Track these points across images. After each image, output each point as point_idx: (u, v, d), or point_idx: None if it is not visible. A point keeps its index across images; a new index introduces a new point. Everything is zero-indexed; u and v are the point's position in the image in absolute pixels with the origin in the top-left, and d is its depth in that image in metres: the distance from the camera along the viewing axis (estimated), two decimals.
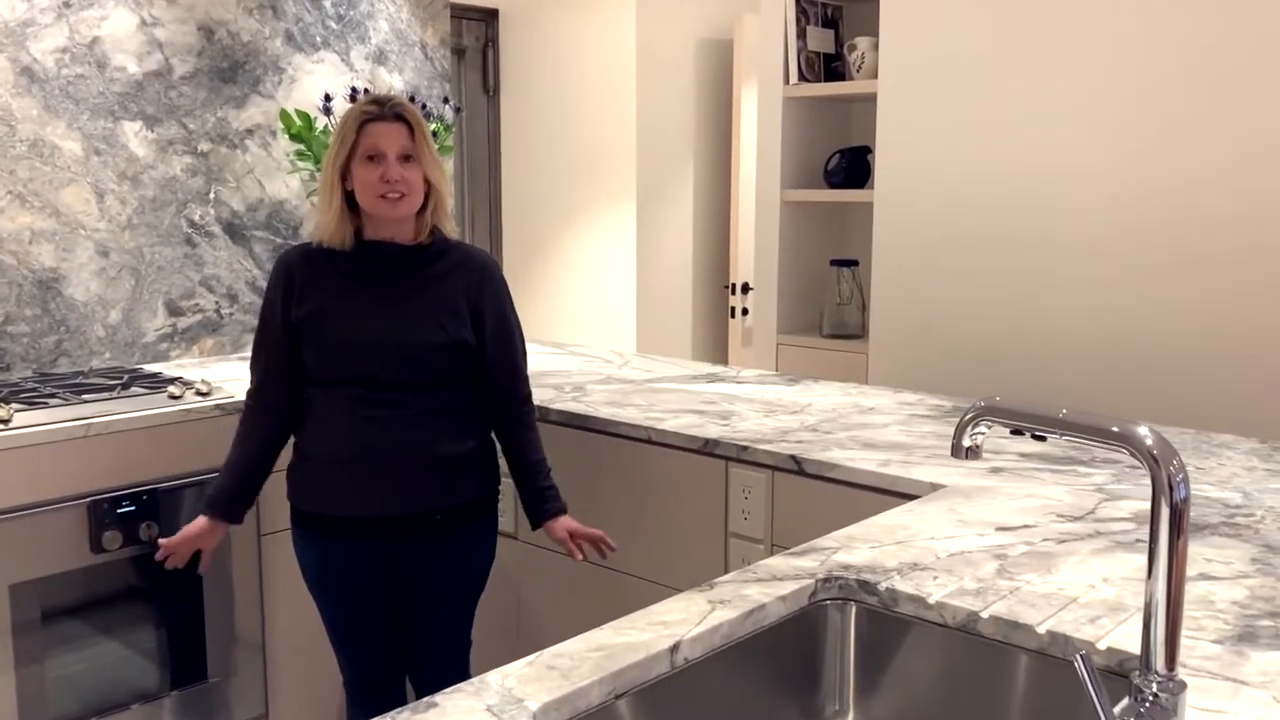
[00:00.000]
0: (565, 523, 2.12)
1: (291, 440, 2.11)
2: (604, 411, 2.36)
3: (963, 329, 3.06)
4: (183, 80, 2.95)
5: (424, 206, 2.02)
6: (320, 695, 2.68)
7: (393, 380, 1.98)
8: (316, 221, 2.06)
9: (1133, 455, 0.89)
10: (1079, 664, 0.82)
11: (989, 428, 1.02)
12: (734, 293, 4.62)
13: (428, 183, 2.00)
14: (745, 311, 4.60)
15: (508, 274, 4.80)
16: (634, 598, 2.29)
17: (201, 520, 2.11)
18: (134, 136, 2.87)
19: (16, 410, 2.26)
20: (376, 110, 1.99)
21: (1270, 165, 2.52)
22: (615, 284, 4.61)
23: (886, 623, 1.37)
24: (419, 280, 2.03)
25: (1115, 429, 0.91)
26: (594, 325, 4.65)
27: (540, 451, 2.14)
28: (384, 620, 2.14)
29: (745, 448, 2.07)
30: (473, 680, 1.12)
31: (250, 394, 2.12)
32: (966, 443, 1.04)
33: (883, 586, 1.37)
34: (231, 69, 3.05)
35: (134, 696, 2.39)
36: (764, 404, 2.44)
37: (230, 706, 2.54)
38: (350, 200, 2.00)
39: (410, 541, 2.06)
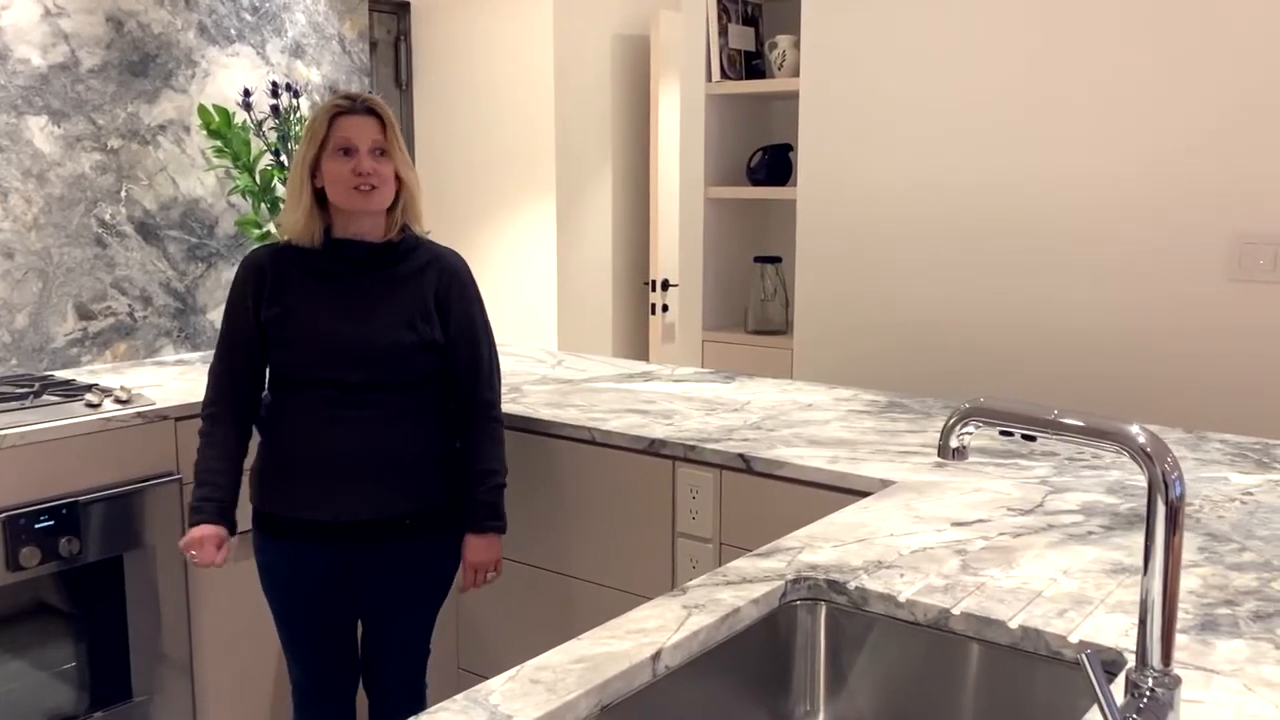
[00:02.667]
0: (476, 547, 2.04)
1: (256, 442, 2.04)
2: (544, 413, 2.33)
3: (886, 324, 3.11)
4: (90, 74, 2.82)
5: (395, 203, 1.99)
6: (251, 712, 2.60)
7: (363, 382, 1.95)
8: (282, 220, 2.02)
9: (1129, 455, 0.91)
10: (1085, 663, 0.83)
11: (976, 428, 1.04)
12: (654, 289, 4.62)
13: (399, 179, 1.98)
14: (665, 308, 4.61)
15: None
16: (581, 601, 2.27)
17: (207, 528, 1.98)
18: (39, 132, 2.74)
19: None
20: (348, 104, 1.96)
21: (1189, 157, 2.62)
22: (535, 281, 4.57)
23: (855, 622, 1.38)
24: (389, 279, 1.99)
25: (1108, 428, 0.93)
26: (515, 323, 4.60)
27: (493, 463, 2.06)
28: (344, 624, 2.09)
29: (693, 447, 2.07)
30: (456, 698, 1.09)
31: (219, 398, 2.03)
32: (954, 444, 1.05)
33: (852, 586, 1.38)
34: (142, 62, 2.92)
35: (54, 718, 2.28)
36: (704, 402, 2.44)
37: None
38: (320, 198, 1.97)
39: (377, 546, 2.01)
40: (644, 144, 4.70)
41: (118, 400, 2.39)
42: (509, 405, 2.39)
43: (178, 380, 2.71)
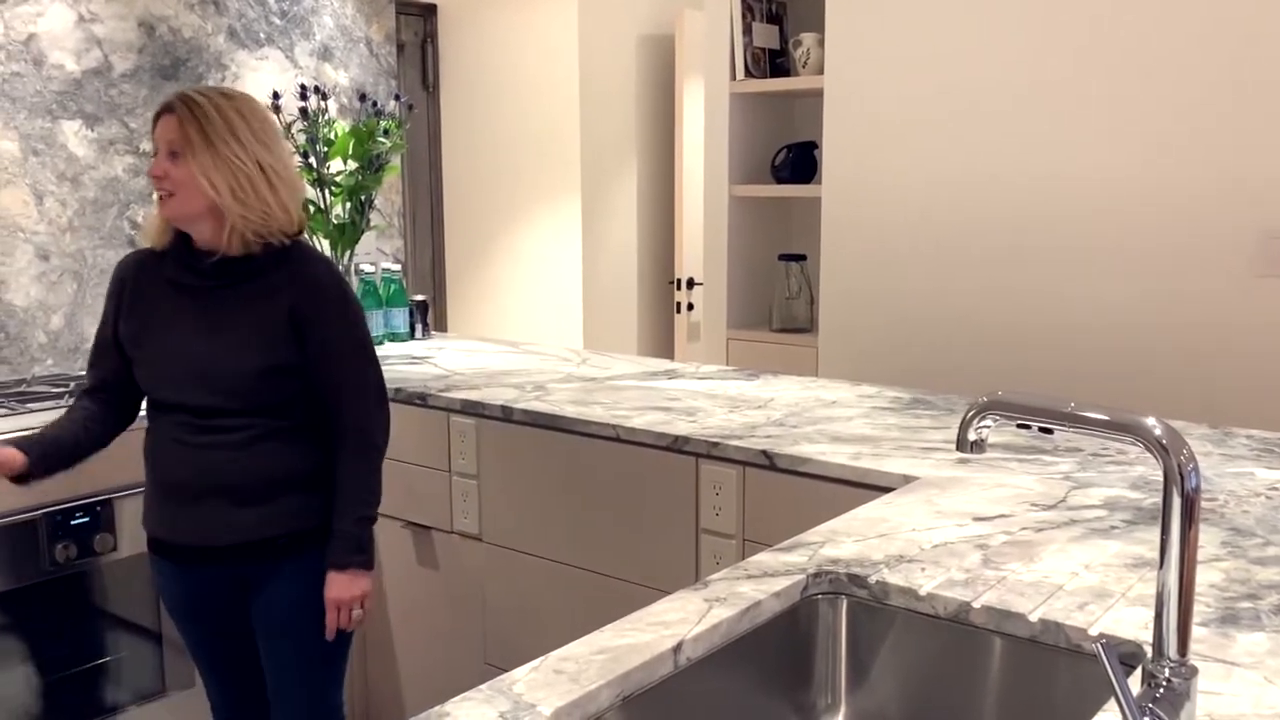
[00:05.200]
0: (335, 582, 1.89)
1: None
2: (569, 410, 2.35)
3: (911, 321, 3.11)
4: (123, 78, 2.87)
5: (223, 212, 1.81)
6: None
7: (210, 407, 1.83)
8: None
9: (1145, 447, 0.92)
10: (1100, 652, 0.84)
11: (994, 422, 1.04)
12: (679, 288, 4.64)
13: (214, 185, 1.78)
14: (690, 306, 4.62)
15: (451, 272, 4.78)
16: (606, 597, 2.29)
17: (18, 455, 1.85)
18: (73, 136, 2.79)
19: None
20: (164, 105, 1.83)
21: (1214, 153, 2.61)
22: (561, 281, 4.60)
23: (876, 615, 1.39)
24: (240, 296, 1.85)
25: (1125, 421, 0.94)
26: (540, 322, 4.63)
27: (357, 491, 1.91)
28: (241, 644, 2.02)
29: (715, 444, 2.08)
30: (481, 688, 1.11)
31: (81, 393, 1.97)
32: (972, 437, 1.06)
33: (873, 580, 1.39)
34: (173, 66, 2.97)
35: (91, 712, 2.32)
36: (727, 399, 2.45)
37: (190, 719, 2.48)
38: None
39: (260, 565, 1.92)
40: (668, 143, 4.72)
41: None
42: (534, 403, 2.41)
43: None
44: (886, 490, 1.83)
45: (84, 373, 2.74)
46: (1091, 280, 2.79)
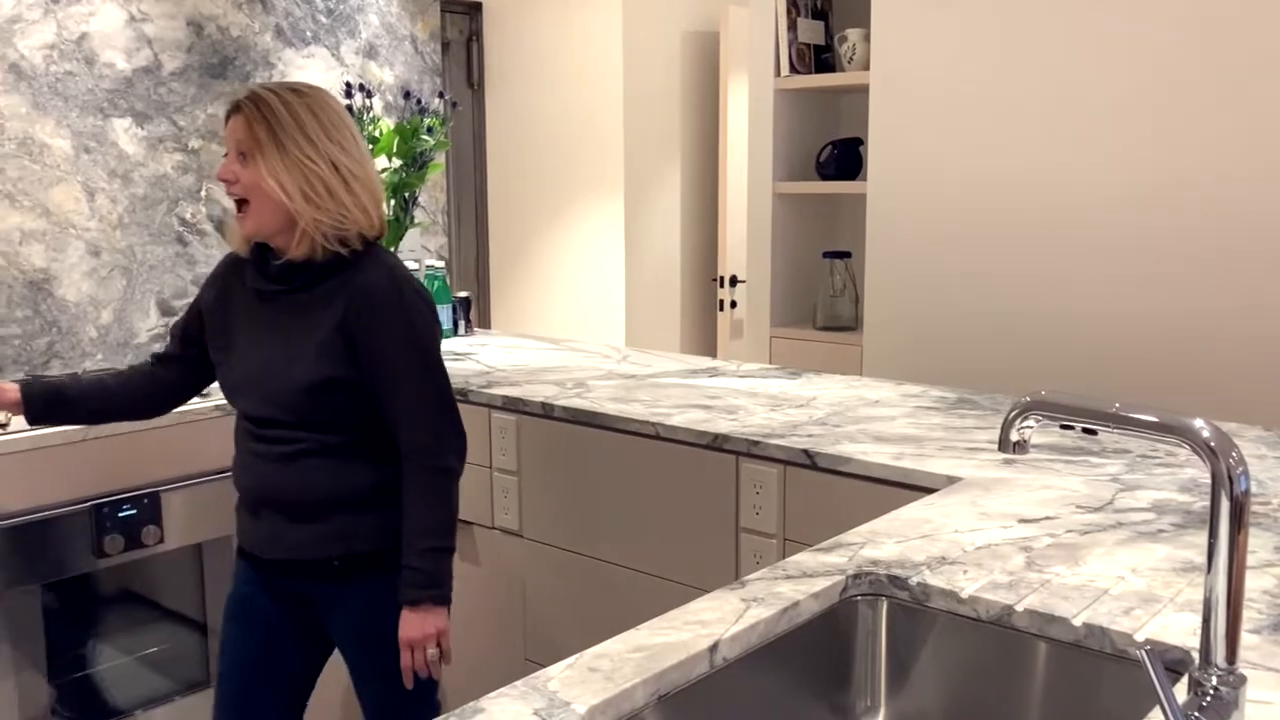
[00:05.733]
0: (408, 624, 1.77)
1: None
2: (609, 408, 2.34)
3: (958, 320, 3.07)
4: (172, 76, 2.91)
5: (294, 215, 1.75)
6: (326, 698, 2.66)
7: (267, 418, 1.79)
8: None
9: (1192, 449, 0.89)
10: (1145, 659, 0.82)
11: (1037, 422, 1.02)
12: (722, 285, 4.62)
13: (284, 188, 1.71)
14: (734, 304, 4.60)
15: (495, 269, 4.80)
16: (645, 595, 2.28)
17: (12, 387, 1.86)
18: (124, 134, 2.83)
19: (11, 415, 2.22)
20: (232, 104, 1.76)
21: (1271, 152, 2.54)
22: (604, 278, 4.60)
23: (917, 618, 1.37)
24: (300, 305, 1.78)
25: (1171, 422, 0.91)
26: (583, 319, 4.64)
27: (422, 521, 1.77)
28: (273, 665, 1.92)
29: (756, 442, 2.06)
30: (516, 684, 1.11)
31: (153, 357, 1.97)
32: (1015, 437, 1.04)
33: (914, 581, 1.37)
34: (221, 64, 3.01)
35: (136, 703, 2.36)
36: (769, 398, 2.44)
37: None
38: None
39: (320, 586, 1.85)
40: (713, 140, 4.70)
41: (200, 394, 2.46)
42: (574, 400, 2.41)
43: None
44: (929, 491, 1.80)
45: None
46: (1144, 278, 2.74)
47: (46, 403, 1.85)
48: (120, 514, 2.26)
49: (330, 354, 1.73)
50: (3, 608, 2.14)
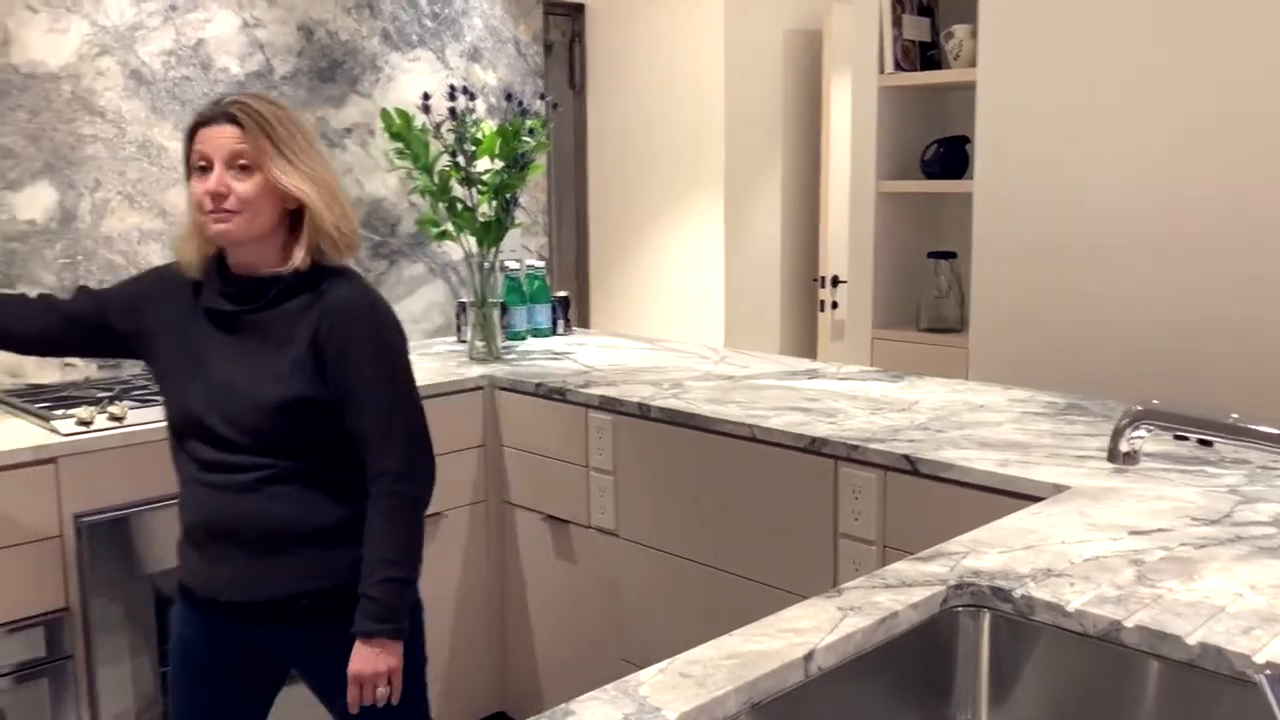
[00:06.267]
0: (360, 657, 1.66)
1: None
2: (705, 409, 2.33)
3: (1068, 322, 2.97)
4: (283, 80, 3.00)
5: (297, 225, 1.68)
6: (460, 691, 2.71)
7: (230, 438, 1.67)
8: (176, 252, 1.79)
9: None
10: (1264, 683, 0.77)
11: (1149, 431, 0.98)
12: (823, 285, 4.56)
13: (292, 195, 1.65)
14: (835, 305, 4.54)
15: (594, 269, 4.82)
16: (740, 599, 2.26)
17: None
18: None
19: (130, 408, 2.30)
20: (208, 113, 1.66)
21: None
22: (703, 278, 4.58)
23: (1021, 631, 1.33)
24: (267, 322, 1.69)
25: None
26: (682, 320, 4.63)
27: (383, 549, 1.67)
28: (221, 716, 1.82)
29: (856, 447, 2.03)
30: (607, 688, 1.11)
31: (63, 296, 1.87)
32: (1125, 448, 0.99)
33: (1018, 594, 1.33)
34: (330, 68, 3.08)
35: None
36: (869, 401, 2.39)
37: None
38: None
39: (285, 629, 1.73)
40: (814, 139, 4.64)
41: None
42: (670, 400, 2.40)
43: None
44: (1035, 500, 1.75)
45: None
46: (1264, 285, 2.61)
47: None
48: None
49: (301, 372, 1.66)
50: (118, 594, 2.22)
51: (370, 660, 1.66)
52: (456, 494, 2.74)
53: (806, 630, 1.23)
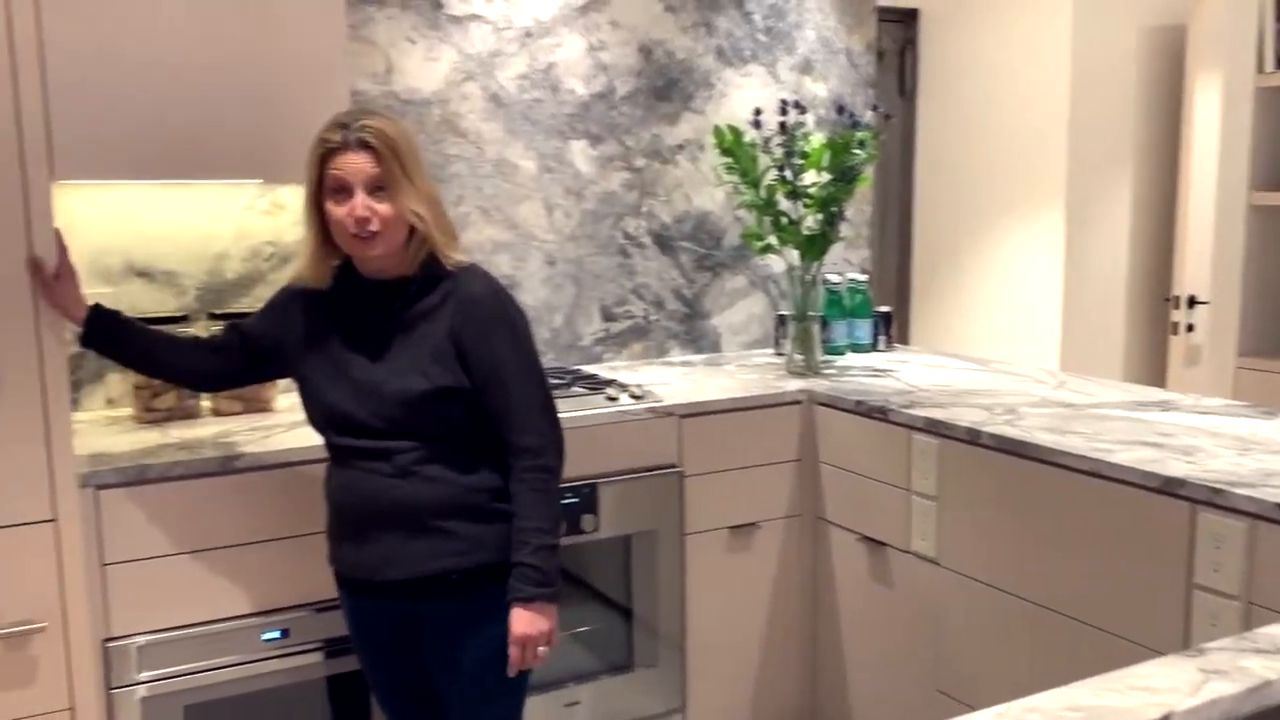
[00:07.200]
0: (521, 620, 1.79)
1: None
2: (1042, 438, 2.19)
3: None
4: (623, 100, 3.13)
5: (410, 237, 1.82)
6: (737, 693, 2.74)
7: (378, 429, 1.81)
8: (297, 265, 1.93)
9: None
10: None
11: None
12: (1177, 306, 4.17)
13: (414, 211, 1.78)
14: (1190, 328, 4.13)
15: (916, 282, 4.68)
16: (1072, 643, 2.11)
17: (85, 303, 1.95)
18: (580, 154, 3.08)
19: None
20: (338, 139, 1.76)
21: None
22: (1037, 296, 4.32)
23: None
24: (403, 320, 1.83)
25: None
26: (1010, 340, 4.39)
27: (534, 519, 1.80)
28: (417, 686, 1.97)
29: (1219, 491, 1.83)
30: None
31: (213, 339, 2.06)
32: None
33: None
34: (666, 87, 3.18)
35: (568, 676, 2.56)
36: (1235, 439, 2.16)
37: (652, 696, 2.65)
38: (328, 236, 1.83)
39: (435, 604, 1.86)
40: (1171, 145, 4.25)
41: (632, 396, 2.62)
42: (1003, 427, 2.28)
43: (683, 380, 2.92)
44: None
45: (578, 367, 3.02)
46: None
47: (106, 331, 1.95)
48: (564, 502, 2.46)
49: (443, 362, 1.79)
50: None
51: (531, 623, 1.79)
52: (772, 506, 2.75)
53: (1162, 690, 1.12)
